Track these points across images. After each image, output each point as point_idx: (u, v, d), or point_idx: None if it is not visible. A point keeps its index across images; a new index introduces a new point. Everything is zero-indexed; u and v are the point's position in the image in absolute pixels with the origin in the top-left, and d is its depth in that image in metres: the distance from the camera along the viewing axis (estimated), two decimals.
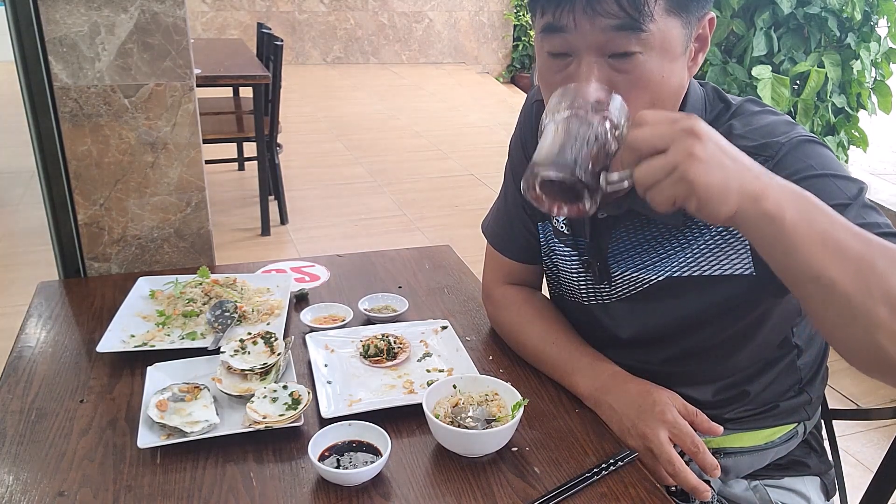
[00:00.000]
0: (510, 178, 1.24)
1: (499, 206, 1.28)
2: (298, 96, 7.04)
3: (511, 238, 1.25)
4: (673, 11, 0.85)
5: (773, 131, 0.93)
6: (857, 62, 3.39)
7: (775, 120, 0.96)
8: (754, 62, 3.34)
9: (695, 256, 1.01)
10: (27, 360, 1.19)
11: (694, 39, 0.91)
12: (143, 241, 1.58)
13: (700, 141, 0.73)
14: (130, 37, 1.43)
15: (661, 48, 0.86)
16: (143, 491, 0.92)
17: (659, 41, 0.85)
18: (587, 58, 0.87)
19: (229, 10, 8.14)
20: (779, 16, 3.31)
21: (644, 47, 0.85)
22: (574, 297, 1.18)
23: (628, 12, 0.83)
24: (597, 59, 0.86)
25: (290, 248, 3.87)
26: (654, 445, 0.96)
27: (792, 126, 0.95)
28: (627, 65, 0.86)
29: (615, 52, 0.86)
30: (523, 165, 1.18)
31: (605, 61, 0.87)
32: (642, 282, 1.06)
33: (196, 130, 1.54)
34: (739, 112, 0.99)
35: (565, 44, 0.88)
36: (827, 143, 1.56)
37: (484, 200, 4.66)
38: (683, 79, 0.92)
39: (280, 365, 1.13)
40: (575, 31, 0.86)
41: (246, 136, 3.93)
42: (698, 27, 0.91)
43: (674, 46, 0.87)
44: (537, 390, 1.15)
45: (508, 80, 9.15)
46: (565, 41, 0.88)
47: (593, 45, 0.86)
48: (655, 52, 0.86)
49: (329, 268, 1.53)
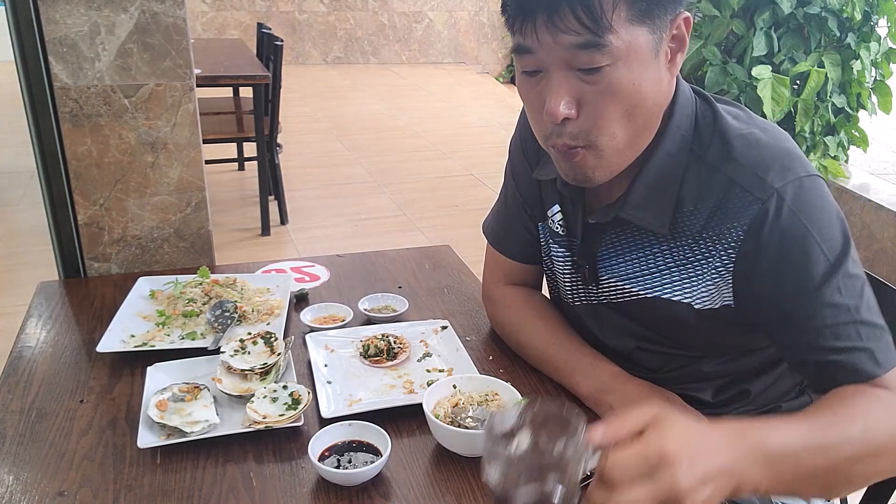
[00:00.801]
0: (510, 178, 1.24)
1: (499, 207, 1.28)
2: (298, 96, 7.04)
3: (511, 238, 1.25)
4: (636, 20, 0.85)
5: (769, 166, 0.91)
6: (857, 62, 3.39)
7: (772, 146, 0.93)
8: (754, 62, 3.34)
9: (682, 283, 1.00)
10: (27, 360, 1.19)
11: (669, 41, 0.90)
12: (143, 241, 1.58)
13: (678, 468, 0.67)
14: (130, 37, 1.43)
15: (629, 57, 0.86)
16: (144, 491, 0.92)
17: (625, 51, 0.85)
18: (556, 73, 0.88)
19: (229, 10, 8.14)
20: (779, 16, 3.31)
21: (611, 58, 0.85)
22: (565, 298, 1.18)
23: (588, 27, 0.83)
24: (566, 73, 0.88)
25: (290, 248, 3.87)
26: None
27: (788, 158, 0.92)
28: (596, 76, 0.87)
29: (581, 68, 0.86)
30: (523, 166, 1.19)
31: (574, 74, 0.87)
32: (629, 293, 1.06)
33: (196, 130, 1.54)
34: (730, 127, 0.96)
35: (535, 62, 0.89)
36: (829, 141, 1.55)
37: (484, 200, 4.66)
38: (661, 81, 0.92)
39: (280, 365, 1.13)
40: (540, 48, 0.87)
41: (246, 136, 3.92)
42: (670, 29, 0.90)
43: (642, 54, 0.87)
44: (537, 390, 1.15)
45: (508, 80, 9.14)
46: (534, 59, 0.89)
47: (560, 61, 0.87)
48: (622, 62, 0.86)
49: (329, 268, 1.53)
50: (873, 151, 3.68)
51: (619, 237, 1.04)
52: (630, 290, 1.05)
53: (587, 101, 0.88)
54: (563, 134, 0.91)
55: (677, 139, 0.97)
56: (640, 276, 1.04)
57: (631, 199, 0.99)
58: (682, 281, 1.00)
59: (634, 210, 0.99)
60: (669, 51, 0.91)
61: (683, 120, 0.97)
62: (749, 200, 0.91)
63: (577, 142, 0.91)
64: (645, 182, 0.98)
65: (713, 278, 0.97)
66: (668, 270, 1.01)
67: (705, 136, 0.97)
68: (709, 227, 0.96)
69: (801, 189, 0.90)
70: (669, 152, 0.97)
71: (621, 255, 1.05)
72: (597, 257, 1.08)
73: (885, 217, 3.27)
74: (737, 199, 0.92)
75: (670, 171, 0.97)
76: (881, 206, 3.29)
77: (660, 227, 0.98)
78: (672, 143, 0.97)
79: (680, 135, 0.97)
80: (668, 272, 1.01)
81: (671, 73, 0.93)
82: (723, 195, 0.94)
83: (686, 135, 0.97)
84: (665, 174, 0.97)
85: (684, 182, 0.97)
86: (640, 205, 0.99)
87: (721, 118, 0.97)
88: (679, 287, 1.01)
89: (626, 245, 1.04)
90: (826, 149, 3.55)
